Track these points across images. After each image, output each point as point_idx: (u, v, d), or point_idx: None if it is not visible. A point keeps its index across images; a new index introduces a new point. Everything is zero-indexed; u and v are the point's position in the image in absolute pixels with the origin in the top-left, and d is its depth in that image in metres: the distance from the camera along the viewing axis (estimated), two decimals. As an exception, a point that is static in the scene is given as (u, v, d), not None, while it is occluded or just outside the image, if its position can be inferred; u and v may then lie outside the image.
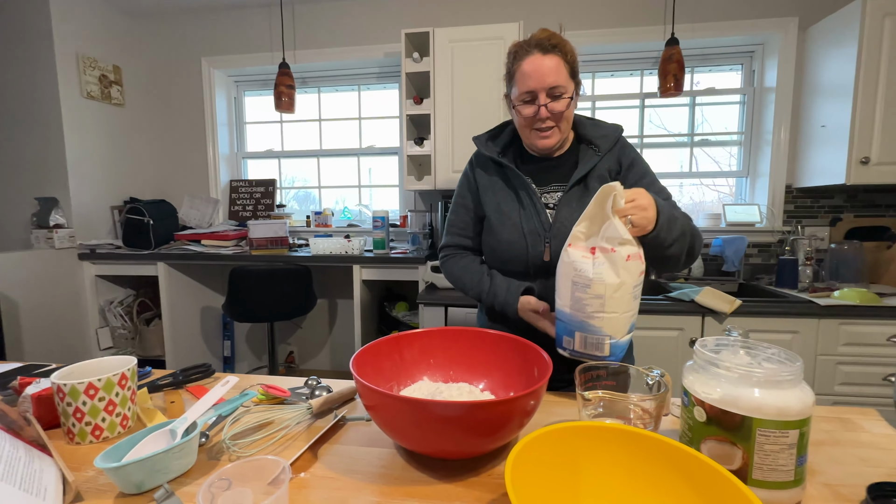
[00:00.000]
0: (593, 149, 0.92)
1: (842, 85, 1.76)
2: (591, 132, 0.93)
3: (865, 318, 1.51)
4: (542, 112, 0.85)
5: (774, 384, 0.47)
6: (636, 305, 0.67)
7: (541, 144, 0.89)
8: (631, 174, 0.92)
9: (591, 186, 0.89)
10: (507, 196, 0.93)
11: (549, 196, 0.92)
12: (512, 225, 0.91)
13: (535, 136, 0.89)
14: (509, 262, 0.92)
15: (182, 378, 0.82)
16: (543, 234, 0.88)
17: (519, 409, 0.53)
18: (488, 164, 0.98)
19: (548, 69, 0.84)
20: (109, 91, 2.32)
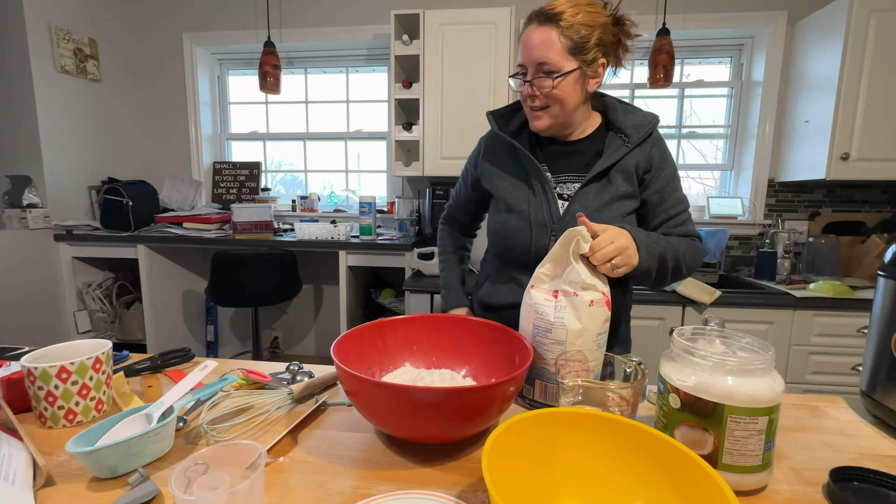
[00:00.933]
0: (622, 138, 0.84)
1: (826, 80, 1.78)
2: (622, 119, 0.85)
3: (838, 309, 1.56)
4: (526, 88, 0.79)
5: (747, 372, 0.48)
6: (600, 356, 0.61)
7: (532, 126, 0.84)
8: (659, 178, 0.83)
9: (615, 181, 0.82)
10: (518, 181, 0.87)
11: (564, 186, 0.85)
12: (519, 212, 0.85)
13: (531, 115, 0.83)
14: (511, 249, 0.87)
15: (160, 362, 0.81)
16: (551, 226, 0.83)
17: (499, 395, 0.53)
18: (500, 143, 0.91)
19: (537, 42, 0.76)
20: (85, 65, 2.23)
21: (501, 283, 0.93)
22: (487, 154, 0.93)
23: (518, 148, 0.86)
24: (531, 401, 0.68)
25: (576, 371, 0.62)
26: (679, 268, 0.80)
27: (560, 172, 0.86)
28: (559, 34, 0.75)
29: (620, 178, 0.82)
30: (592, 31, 0.76)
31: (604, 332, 0.66)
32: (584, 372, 0.63)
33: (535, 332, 0.66)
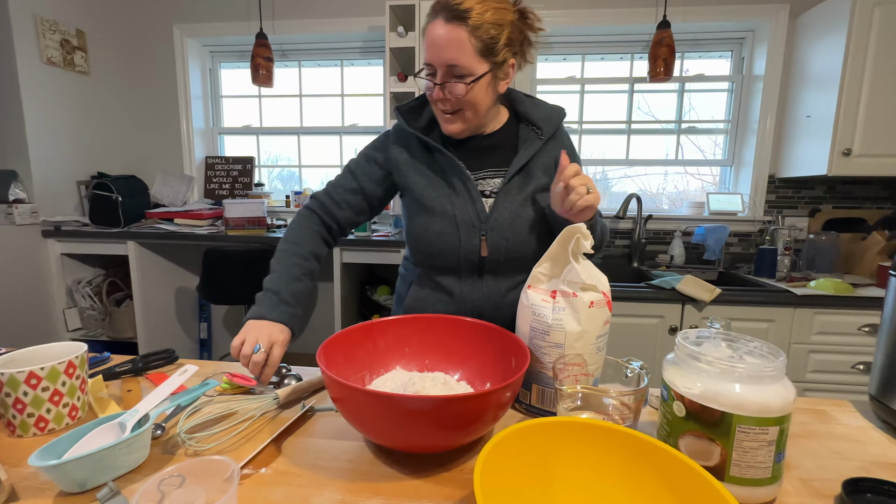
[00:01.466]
0: (535, 131, 0.83)
1: (829, 75, 1.75)
2: (532, 112, 0.84)
3: (839, 307, 1.54)
4: (436, 92, 0.74)
5: (756, 380, 0.45)
6: (600, 360, 0.59)
7: (444, 129, 0.79)
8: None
9: (535, 174, 0.81)
10: (436, 180, 0.82)
11: (484, 182, 0.82)
12: (443, 213, 0.80)
13: (441, 117, 0.79)
14: (439, 255, 0.81)
15: (142, 365, 0.78)
16: (479, 226, 0.79)
17: (494, 403, 0.50)
18: (411, 140, 0.85)
19: (446, 42, 0.70)
20: (72, 57, 2.17)
21: (429, 293, 0.86)
22: (398, 148, 0.85)
23: (434, 147, 0.81)
24: (528, 406, 0.66)
25: (575, 375, 0.59)
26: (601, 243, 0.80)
27: (478, 169, 0.83)
28: (469, 35, 0.70)
29: (540, 170, 0.81)
30: (501, 31, 0.72)
31: (604, 335, 0.63)
32: (583, 376, 0.60)
33: (532, 334, 0.63)
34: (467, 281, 0.83)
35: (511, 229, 0.79)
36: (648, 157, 2.30)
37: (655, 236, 2.16)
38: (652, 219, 2.12)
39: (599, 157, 2.33)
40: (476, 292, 0.83)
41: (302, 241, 0.82)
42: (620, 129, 2.29)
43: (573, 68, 2.30)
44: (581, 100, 2.27)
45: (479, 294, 0.83)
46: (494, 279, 0.83)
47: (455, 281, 0.83)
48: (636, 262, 2.08)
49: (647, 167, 2.32)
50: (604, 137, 2.31)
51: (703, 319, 1.59)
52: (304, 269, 0.80)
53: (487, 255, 0.80)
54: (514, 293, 0.83)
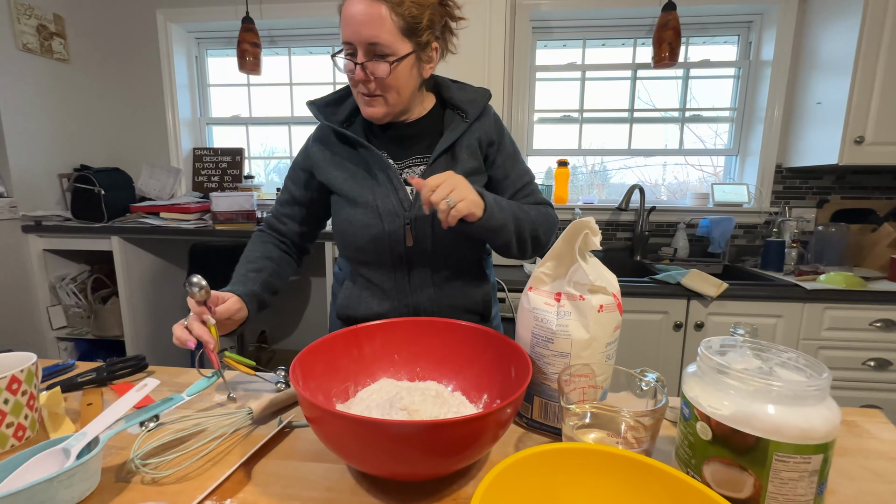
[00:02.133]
0: (460, 115, 0.80)
1: (841, 60, 1.67)
2: (457, 95, 0.82)
3: (850, 302, 1.48)
4: (357, 72, 0.70)
5: (797, 400, 0.39)
6: (609, 370, 0.53)
7: (364, 112, 0.75)
8: (501, 153, 0.82)
9: (461, 157, 0.79)
10: (357, 173, 0.79)
11: (410, 170, 0.80)
12: (365, 204, 0.77)
13: (362, 101, 0.75)
14: (365, 249, 0.79)
15: (107, 374, 0.71)
16: (403, 215, 0.76)
17: (492, 424, 0.44)
18: (330, 135, 0.83)
19: (366, 18, 0.66)
20: (50, 44, 2.07)
21: (361, 290, 0.83)
22: (317, 146, 0.83)
23: (352, 137, 0.78)
24: (529, 420, 0.59)
25: (582, 388, 0.53)
26: (536, 232, 0.79)
27: (403, 157, 0.81)
28: (390, 11, 0.67)
29: (465, 153, 0.79)
30: (423, 11, 0.70)
31: (614, 342, 0.57)
32: (591, 389, 0.54)
33: (534, 341, 0.57)
34: (399, 274, 0.80)
35: (436, 217, 0.74)
36: (649, 146, 2.23)
37: (658, 229, 2.09)
38: (655, 210, 2.05)
39: (599, 147, 2.25)
40: (410, 285, 0.80)
41: (251, 255, 0.85)
42: (622, 118, 2.21)
43: (574, 55, 2.21)
44: (582, 87, 2.19)
45: (412, 286, 0.80)
46: (425, 270, 0.80)
47: (386, 275, 0.81)
48: (638, 256, 2.01)
49: (647, 158, 2.24)
50: (605, 127, 2.24)
51: (709, 315, 1.53)
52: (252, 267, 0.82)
53: (413, 244, 0.77)
54: (451, 285, 0.82)
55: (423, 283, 0.80)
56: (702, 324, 1.53)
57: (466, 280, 0.84)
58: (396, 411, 0.52)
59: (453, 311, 0.82)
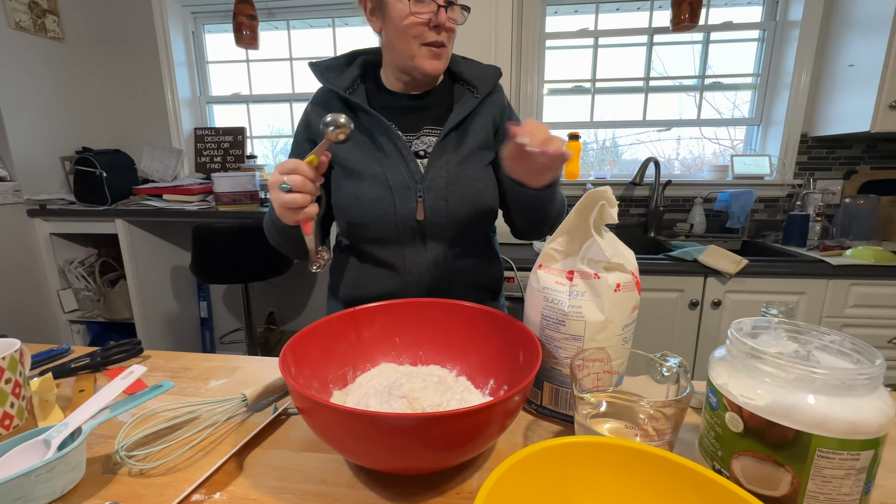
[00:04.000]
0: (470, 90, 0.78)
1: (878, 17, 1.54)
2: (467, 70, 0.80)
3: (879, 277, 1.41)
4: (442, 15, 0.68)
5: (845, 390, 0.34)
6: (626, 353, 0.49)
7: (431, 66, 0.71)
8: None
9: (472, 130, 0.77)
10: (362, 142, 0.75)
11: (419, 141, 0.77)
12: (372, 177, 0.73)
13: (425, 54, 0.71)
14: (373, 224, 0.74)
15: (101, 359, 0.69)
16: (414, 188, 0.73)
17: (498, 414, 0.40)
18: (332, 101, 0.78)
19: None
20: (44, 22, 2.02)
21: (370, 269, 0.79)
22: (318, 112, 0.78)
23: (358, 104, 0.74)
24: (538, 407, 0.56)
25: (596, 374, 0.49)
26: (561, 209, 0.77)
27: (412, 129, 0.78)
28: None
29: (478, 127, 0.77)
30: None
31: (631, 324, 0.52)
32: (605, 374, 0.49)
33: (544, 324, 0.52)
34: (409, 250, 0.76)
35: (450, 189, 0.74)
36: (666, 117, 2.12)
37: (673, 204, 2.01)
38: (670, 185, 1.97)
39: (612, 119, 2.15)
40: (422, 261, 0.76)
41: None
42: (637, 88, 2.10)
43: (586, 20, 2.09)
44: (594, 55, 2.08)
45: (424, 263, 0.76)
46: (438, 245, 0.76)
47: (396, 251, 0.76)
48: (653, 232, 1.94)
49: (660, 132, 2.14)
50: (618, 98, 2.13)
51: (727, 293, 1.47)
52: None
53: (425, 218, 0.73)
54: (465, 260, 0.79)
55: (436, 260, 0.76)
56: (719, 302, 1.47)
57: (480, 257, 0.81)
58: (396, 399, 0.49)
59: (468, 289, 0.79)
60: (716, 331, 1.50)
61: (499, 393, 0.55)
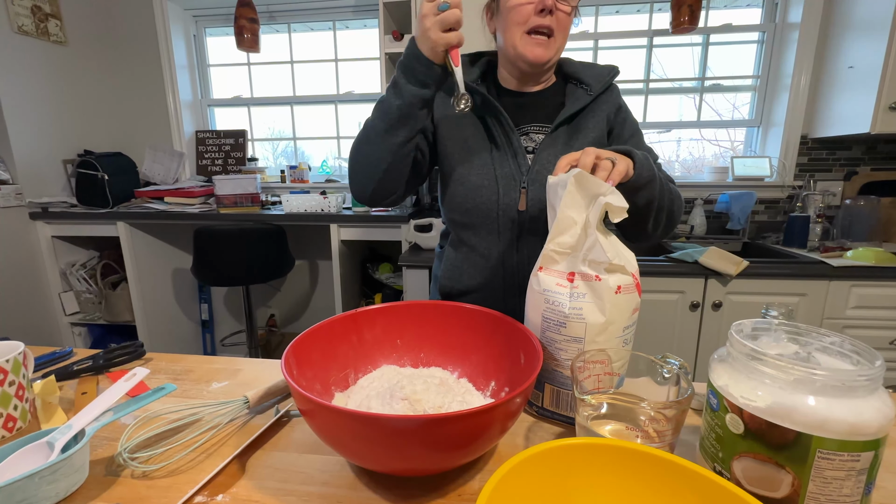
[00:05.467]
0: (584, 88, 0.78)
1: (877, 19, 1.55)
2: (581, 71, 0.80)
3: (880, 279, 1.41)
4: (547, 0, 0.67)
5: (845, 391, 0.34)
6: (626, 355, 0.49)
7: (534, 54, 0.71)
8: (626, 128, 0.79)
9: (584, 127, 0.76)
10: (477, 132, 0.77)
11: (528, 137, 0.78)
12: (481, 165, 0.75)
13: (528, 41, 0.71)
14: (475, 210, 0.77)
15: (103, 362, 0.69)
16: (519, 179, 0.74)
17: (500, 416, 0.40)
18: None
19: None
20: (46, 26, 2.03)
21: (464, 258, 0.81)
22: (440, 98, 0.80)
23: (479, 92, 0.76)
24: (539, 408, 0.56)
25: (597, 375, 0.49)
26: (672, 205, 0.72)
27: (522, 124, 0.79)
28: None
29: (590, 123, 0.76)
30: None
31: (632, 325, 0.52)
32: (606, 376, 0.50)
33: (545, 325, 0.53)
34: (505, 241, 0.77)
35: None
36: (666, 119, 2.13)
37: (674, 205, 2.01)
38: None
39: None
40: (516, 255, 0.77)
41: None
42: (637, 90, 2.10)
43: (586, 23, 2.09)
44: (594, 57, 2.08)
45: (519, 257, 0.76)
46: (535, 239, 0.76)
47: (493, 242, 0.78)
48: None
49: (659, 133, 2.14)
50: (619, 99, 2.13)
51: (727, 294, 1.47)
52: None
53: (526, 209, 0.74)
54: None
55: (532, 254, 0.76)
56: (720, 303, 1.47)
57: None
58: (397, 401, 0.49)
59: None
60: (716, 332, 1.50)
61: (500, 395, 0.55)
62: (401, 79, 0.66)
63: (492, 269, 0.78)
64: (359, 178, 0.74)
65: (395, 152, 0.70)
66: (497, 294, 0.79)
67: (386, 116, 0.68)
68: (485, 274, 0.79)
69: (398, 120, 0.68)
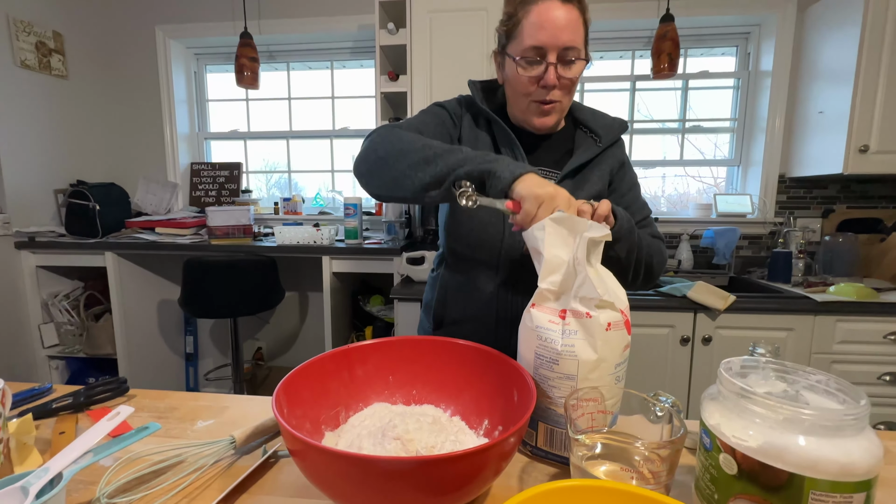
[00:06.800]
0: (593, 137, 0.79)
1: (842, 69, 1.66)
2: (591, 120, 0.81)
3: (862, 314, 1.44)
4: (550, 75, 0.68)
5: (833, 431, 0.35)
6: (619, 392, 0.49)
7: (539, 122, 0.74)
8: (624, 182, 0.81)
9: (589, 179, 0.77)
10: None
11: None
12: None
13: (533, 109, 0.74)
14: (478, 245, 0.77)
15: (84, 399, 0.67)
16: None
17: (493, 458, 0.40)
18: (480, 117, 0.81)
19: (565, 23, 0.67)
20: (49, 60, 2.08)
21: (456, 289, 0.81)
22: (468, 125, 0.81)
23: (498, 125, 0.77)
24: (534, 448, 0.55)
25: (591, 413, 0.49)
26: (651, 259, 0.75)
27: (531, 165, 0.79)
28: (580, 15, 0.69)
29: (595, 176, 0.77)
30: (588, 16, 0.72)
31: (623, 362, 0.53)
32: (599, 414, 0.49)
33: (538, 363, 0.53)
34: (502, 278, 0.77)
35: None
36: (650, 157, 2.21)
37: (661, 240, 2.05)
38: (658, 222, 2.02)
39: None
40: (511, 291, 0.76)
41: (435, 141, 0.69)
42: (622, 129, 2.19)
43: (572, 66, 2.20)
44: (581, 100, 2.18)
45: (514, 294, 0.76)
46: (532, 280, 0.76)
47: (490, 277, 0.78)
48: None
49: (645, 169, 2.23)
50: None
51: (717, 329, 1.48)
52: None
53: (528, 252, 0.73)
54: None
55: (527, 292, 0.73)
56: (710, 338, 1.48)
57: None
58: (389, 441, 0.48)
59: None
60: (708, 367, 1.51)
61: (493, 434, 0.55)
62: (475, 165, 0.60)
63: (486, 303, 0.78)
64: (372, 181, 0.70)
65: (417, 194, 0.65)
66: (489, 327, 0.79)
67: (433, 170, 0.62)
68: (478, 306, 0.79)
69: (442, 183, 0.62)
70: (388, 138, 0.69)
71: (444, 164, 0.62)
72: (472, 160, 0.61)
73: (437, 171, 0.62)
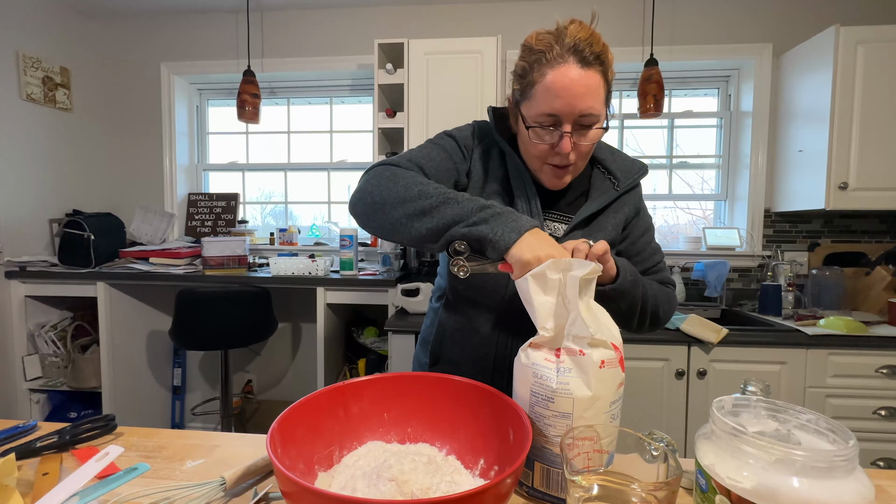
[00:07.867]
0: (611, 180, 0.76)
1: (817, 110, 1.75)
2: (610, 160, 0.78)
3: (854, 347, 1.45)
4: (565, 144, 0.65)
5: (824, 472, 0.35)
6: (614, 431, 0.49)
7: (551, 184, 0.72)
8: (638, 227, 0.79)
9: (604, 226, 0.74)
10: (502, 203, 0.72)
11: (546, 225, 0.75)
12: None
13: (546, 171, 0.70)
14: (483, 288, 0.74)
15: (70, 437, 0.65)
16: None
17: (490, 499, 0.40)
18: (493, 149, 0.77)
19: (584, 90, 0.62)
20: (54, 94, 2.13)
21: (455, 329, 0.78)
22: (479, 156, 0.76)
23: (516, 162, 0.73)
24: (530, 489, 0.54)
25: (586, 453, 0.49)
26: (657, 309, 0.74)
27: (543, 209, 0.75)
28: (602, 78, 0.64)
29: (609, 224, 0.75)
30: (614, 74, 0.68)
31: (618, 400, 0.53)
32: (595, 453, 0.49)
33: (534, 400, 0.53)
34: (503, 323, 0.75)
35: None
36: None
37: (653, 272, 2.08)
38: (649, 254, 2.05)
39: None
40: (511, 337, 0.75)
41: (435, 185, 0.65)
42: (612, 164, 2.26)
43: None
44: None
45: (513, 340, 0.74)
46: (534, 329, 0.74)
47: (491, 320, 0.75)
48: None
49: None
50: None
51: (711, 362, 1.49)
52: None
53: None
54: None
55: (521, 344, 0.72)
56: (705, 371, 1.48)
57: None
58: (384, 482, 0.47)
59: None
60: (703, 402, 1.50)
61: (490, 473, 0.54)
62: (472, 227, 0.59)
63: (484, 346, 0.77)
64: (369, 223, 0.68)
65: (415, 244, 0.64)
66: (486, 371, 0.77)
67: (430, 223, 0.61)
68: (476, 348, 0.77)
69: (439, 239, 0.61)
70: (384, 182, 0.66)
71: (441, 218, 0.60)
72: (469, 215, 0.60)
73: (433, 226, 0.61)
